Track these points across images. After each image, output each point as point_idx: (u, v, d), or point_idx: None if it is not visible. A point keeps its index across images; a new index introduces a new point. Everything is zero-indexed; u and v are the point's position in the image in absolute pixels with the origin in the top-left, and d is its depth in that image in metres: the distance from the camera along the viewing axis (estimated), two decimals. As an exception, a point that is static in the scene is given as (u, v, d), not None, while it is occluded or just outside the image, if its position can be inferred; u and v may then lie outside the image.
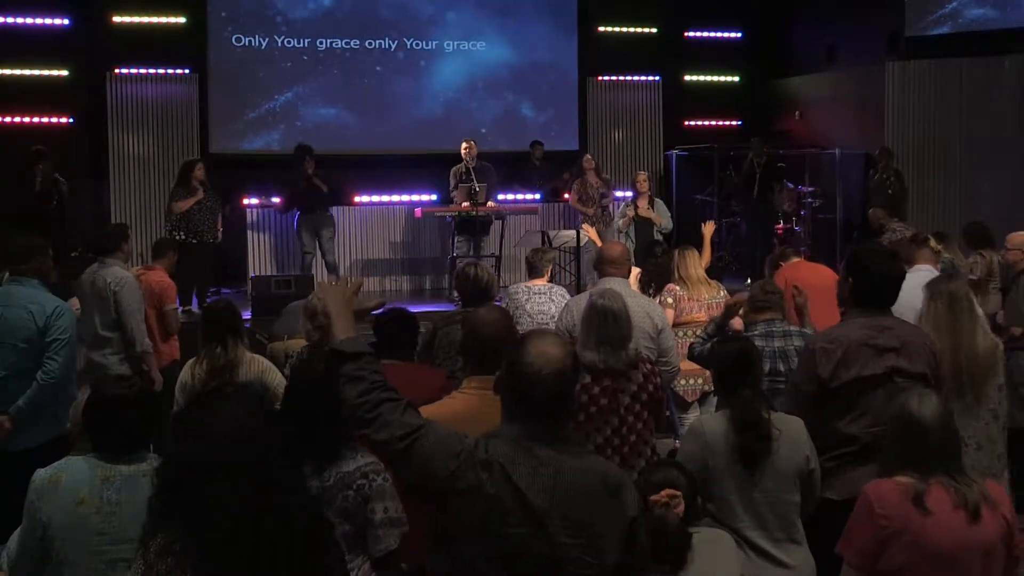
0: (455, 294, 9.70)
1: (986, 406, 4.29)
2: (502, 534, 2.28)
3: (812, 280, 6.24)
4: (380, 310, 3.32)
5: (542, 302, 5.98)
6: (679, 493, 3.12)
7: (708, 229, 7.63)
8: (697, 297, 6.26)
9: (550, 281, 6.40)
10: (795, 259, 6.91)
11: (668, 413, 7.03)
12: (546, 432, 2.37)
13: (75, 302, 6.02)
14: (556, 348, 2.42)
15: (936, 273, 5.85)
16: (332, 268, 10.72)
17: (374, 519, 3.10)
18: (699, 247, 6.97)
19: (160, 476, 1.88)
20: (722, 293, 6.33)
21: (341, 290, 2.65)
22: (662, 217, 10.26)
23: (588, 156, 11.72)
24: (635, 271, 7.56)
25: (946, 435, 2.94)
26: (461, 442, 2.34)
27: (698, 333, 4.82)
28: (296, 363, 3.37)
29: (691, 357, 4.94)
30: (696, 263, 6.41)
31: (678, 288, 6.33)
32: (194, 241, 9.86)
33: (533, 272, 6.31)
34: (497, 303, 6.06)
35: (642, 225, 10.21)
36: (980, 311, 4.40)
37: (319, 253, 10.70)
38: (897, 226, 10.00)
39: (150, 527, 1.99)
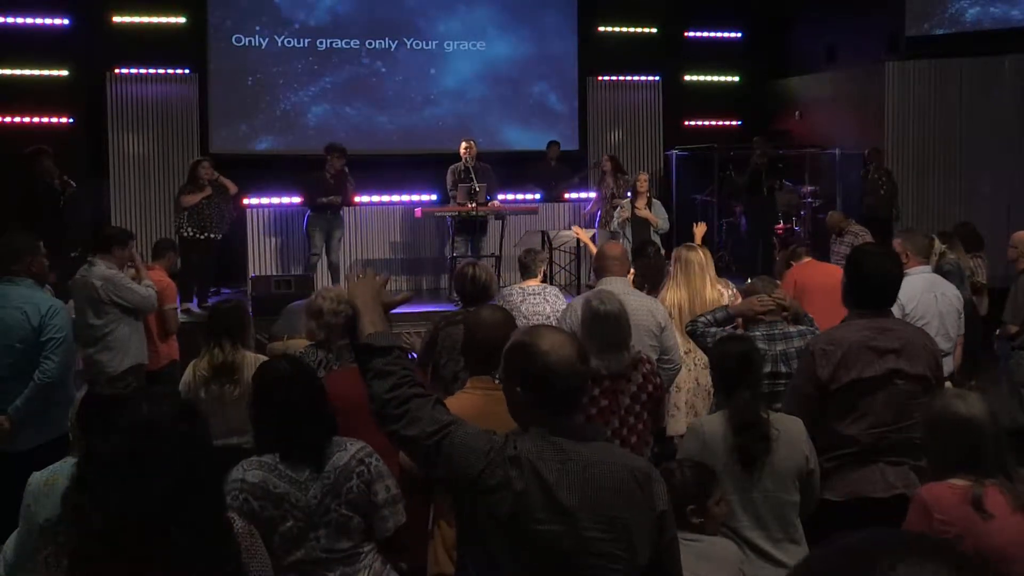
0: (454, 294, 9.73)
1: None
2: (532, 530, 2.26)
3: (822, 280, 6.24)
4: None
5: (537, 303, 5.98)
6: None
7: (699, 230, 7.62)
8: None
9: (543, 281, 6.40)
10: (806, 259, 6.91)
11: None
12: (570, 426, 2.35)
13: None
14: (565, 338, 2.41)
15: (929, 271, 5.86)
16: (335, 269, 10.70)
17: (377, 500, 3.15)
18: None
19: (76, 469, 1.90)
20: (730, 290, 6.29)
21: (370, 283, 2.59)
22: (659, 218, 10.25)
23: (604, 157, 11.73)
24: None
25: (998, 434, 2.90)
26: (490, 439, 2.32)
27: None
28: (259, 366, 3.36)
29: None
30: (708, 262, 6.39)
31: None
32: (200, 237, 9.90)
33: (526, 273, 6.32)
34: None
35: (639, 225, 10.18)
36: (710, 273, 5.91)
37: (324, 254, 10.69)
38: (857, 229, 10.02)
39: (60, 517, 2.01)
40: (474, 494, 2.29)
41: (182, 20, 12.55)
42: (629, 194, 10.71)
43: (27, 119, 11.86)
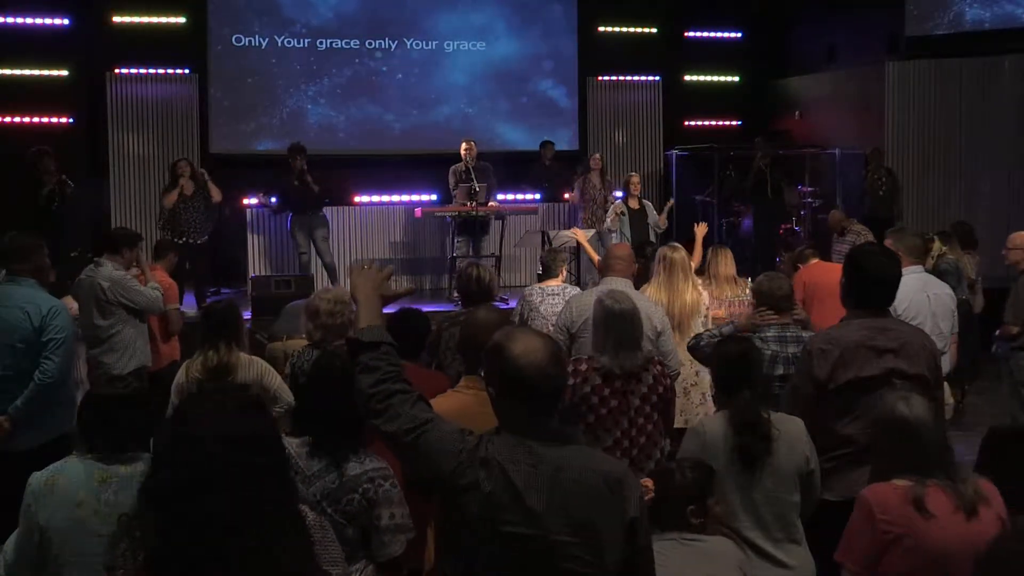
0: (455, 294, 9.73)
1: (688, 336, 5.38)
2: (500, 532, 2.26)
3: (831, 281, 6.22)
4: (392, 307, 3.32)
5: (555, 303, 5.96)
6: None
7: (701, 230, 7.66)
8: (719, 296, 6.30)
9: (564, 281, 6.40)
10: (814, 260, 6.92)
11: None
12: (544, 428, 2.35)
13: (69, 301, 6.00)
14: (540, 342, 2.41)
15: (922, 271, 5.87)
16: (331, 270, 10.69)
17: (380, 524, 3.10)
18: (691, 247, 6.97)
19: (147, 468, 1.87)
20: (748, 291, 6.32)
21: (372, 275, 2.60)
22: (652, 216, 10.28)
23: (596, 156, 11.73)
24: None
25: (939, 434, 2.94)
26: (464, 439, 2.33)
27: (711, 330, 4.82)
28: (315, 362, 3.37)
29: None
30: (728, 262, 6.45)
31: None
32: (179, 242, 9.87)
33: (547, 273, 6.32)
34: (499, 304, 6.05)
35: (637, 223, 10.16)
36: (693, 275, 6.04)
37: (315, 254, 10.69)
38: (859, 228, 10.02)
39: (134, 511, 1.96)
40: (446, 493, 2.31)
41: (182, 20, 12.54)
42: (622, 194, 10.73)
43: (27, 119, 11.86)
